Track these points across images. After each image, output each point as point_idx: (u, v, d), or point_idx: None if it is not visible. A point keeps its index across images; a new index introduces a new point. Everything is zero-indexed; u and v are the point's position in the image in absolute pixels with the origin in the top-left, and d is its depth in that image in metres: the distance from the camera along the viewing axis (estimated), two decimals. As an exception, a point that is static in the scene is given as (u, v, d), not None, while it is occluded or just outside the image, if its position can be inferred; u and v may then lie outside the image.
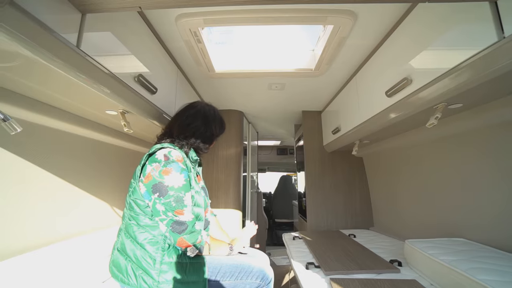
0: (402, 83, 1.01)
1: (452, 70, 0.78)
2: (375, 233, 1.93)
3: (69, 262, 1.03)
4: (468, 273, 0.82)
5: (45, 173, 1.00)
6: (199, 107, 1.17)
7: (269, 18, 1.09)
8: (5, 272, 0.79)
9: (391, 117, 1.18)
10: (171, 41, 1.29)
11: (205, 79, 1.73)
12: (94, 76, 0.77)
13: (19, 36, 0.55)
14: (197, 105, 1.18)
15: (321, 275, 1.10)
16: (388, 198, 1.92)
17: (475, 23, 0.71)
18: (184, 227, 0.91)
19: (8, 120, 0.62)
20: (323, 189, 2.30)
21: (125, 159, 1.55)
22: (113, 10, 0.72)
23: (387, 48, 1.19)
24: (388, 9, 1.04)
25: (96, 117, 1.15)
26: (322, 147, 2.38)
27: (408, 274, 1.08)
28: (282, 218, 5.06)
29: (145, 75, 1.04)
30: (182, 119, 1.13)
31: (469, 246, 1.07)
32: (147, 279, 0.88)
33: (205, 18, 1.09)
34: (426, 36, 0.92)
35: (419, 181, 1.52)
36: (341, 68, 1.57)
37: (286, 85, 1.86)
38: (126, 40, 0.94)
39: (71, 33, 0.68)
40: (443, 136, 1.26)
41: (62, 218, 1.09)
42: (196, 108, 1.16)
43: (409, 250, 1.16)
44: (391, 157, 1.80)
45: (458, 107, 1.00)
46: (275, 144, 4.73)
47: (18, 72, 0.70)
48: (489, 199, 1.07)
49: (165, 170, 0.91)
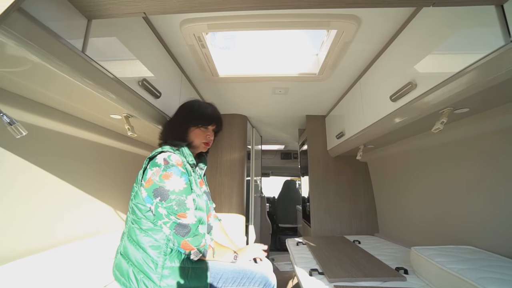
0: (407, 87, 1.00)
1: (458, 74, 0.77)
2: (380, 240, 1.90)
3: (71, 266, 1.03)
4: (478, 283, 0.79)
5: (49, 176, 1.01)
6: (184, 104, 1.21)
7: (272, 23, 1.10)
8: (9, 274, 0.79)
9: (395, 122, 1.17)
10: (175, 46, 1.31)
11: (209, 83, 1.74)
12: (99, 80, 0.79)
13: (27, 42, 0.56)
14: (184, 103, 1.22)
15: (325, 282, 1.08)
16: (394, 203, 1.89)
17: (481, 27, 0.70)
18: (187, 229, 0.90)
19: (14, 123, 0.63)
20: (327, 194, 2.28)
21: (129, 162, 1.56)
22: (119, 16, 0.73)
23: (391, 53, 1.19)
24: (392, 14, 1.04)
25: (100, 121, 1.16)
26: (326, 152, 2.36)
27: (415, 283, 1.05)
28: (286, 223, 5.02)
29: (149, 80, 1.05)
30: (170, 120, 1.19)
31: (478, 255, 1.04)
32: (148, 283, 0.87)
33: (209, 23, 1.10)
34: (431, 40, 0.91)
35: (425, 186, 1.49)
36: (345, 72, 1.56)
37: (289, 89, 1.86)
38: (131, 45, 0.96)
39: (77, 38, 0.70)
40: (449, 141, 1.24)
41: (65, 221, 1.09)
42: (181, 105, 1.22)
43: (415, 258, 1.13)
44: (396, 162, 1.77)
45: (464, 112, 0.98)
46: (279, 148, 4.72)
47: (25, 77, 0.71)
48: (497, 205, 1.04)
49: (165, 174, 0.91)
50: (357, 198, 2.26)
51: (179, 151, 1.04)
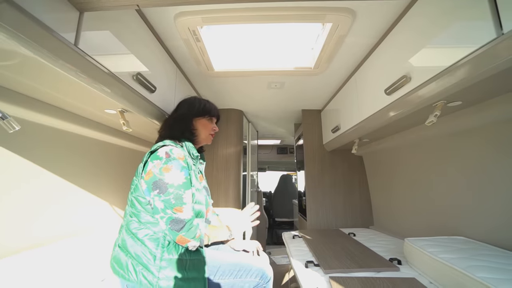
0: (401, 80, 1.01)
1: (450, 67, 0.78)
2: (375, 232, 1.93)
3: (68, 261, 1.03)
4: (467, 271, 0.81)
5: (44, 172, 1.01)
6: (185, 99, 1.26)
7: (268, 16, 1.09)
8: (7, 270, 0.79)
9: (390, 115, 1.18)
10: (170, 40, 1.29)
11: (204, 78, 1.73)
12: (93, 74, 0.78)
13: (17, 35, 0.55)
14: (185, 99, 1.26)
15: (320, 273, 1.10)
16: (388, 196, 1.92)
17: (474, 20, 0.71)
18: (182, 225, 0.91)
19: (6, 118, 0.62)
20: (323, 187, 2.30)
21: (125, 158, 1.55)
22: (111, 8, 0.72)
23: (386, 46, 1.19)
24: (386, 7, 1.04)
25: (95, 116, 1.15)
26: (322, 146, 2.38)
27: (408, 273, 1.08)
28: (283, 217, 5.06)
29: (143, 74, 1.04)
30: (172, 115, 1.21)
31: (469, 244, 1.06)
32: (147, 274, 0.88)
33: (203, 16, 1.09)
34: (424, 34, 0.91)
35: (419, 179, 1.51)
36: (341, 66, 1.56)
37: (285, 84, 1.86)
38: (125, 39, 0.94)
39: (69, 31, 0.68)
40: (443, 135, 1.26)
41: (62, 217, 1.09)
42: (182, 100, 1.25)
43: (408, 249, 1.16)
44: (391, 155, 1.79)
45: (457, 105, 0.99)
46: (275, 143, 4.73)
47: (16, 70, 0.70)
48: (489, 197, 1.07)
49: (166, 167, 0.92)
50: (353, 191, 2.29)
51: (181, 145, 1.04)
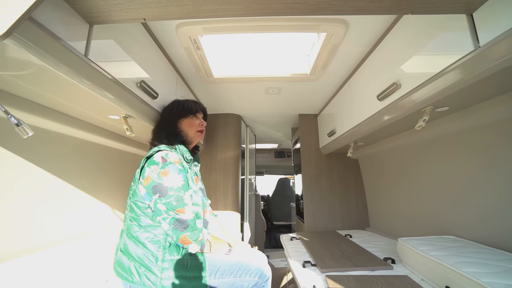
0: (392, 87, 1.07)
1: (436, 76, 0.83)
2: (371, 233, 1.98)
3: (72, 263, 1.06)
4: (454, 266, 0.86)
5: (48, 176, 1.04)
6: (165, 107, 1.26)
7: (265, 26, 1.15)
8: (11, 272, 0.81)
9: (382, 120, 1.23)
10: (171, 48, 1.34)
11: (203, 84, 1.78)
12: (100, 82, 0.82)
13: (33, 47, 0.59)
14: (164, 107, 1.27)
15: (317, 272, 1.14)
16: (383, 198, 1.97)
17: (455, 33, 0.77)
18: (185, 224, 0.94)
19: (21, 125, 0.66)
20: (320, 191, 2.35)
21: (127, 162, 1.58)
22: (119, 22, 0.76)
23: (378, 54, 1.26)
24: (377, 19, 1.10)
25: (99, 122, 1.19)
26: (318, 150, 2.43)
27: (401, 271, 1.12)
28: (280, 221, 5.07)
29: (146, 81, 1.08)
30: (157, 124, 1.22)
31: (458, 243, 1.11)
32: (150, 276, 0.91)
33: (204, 26, 1.14)
34: (412, 43, 0.97)
35: (412, 181, 1.57)
36: (335, 73, 1.63)
37: (282, 89, 1.91)
38: (129, 48, 0.99)
39: (79, 43, 0.73)
40: (433, 138, 1.32)
41: (64, 220, 1.12)
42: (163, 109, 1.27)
43: (401, 248, 1.20)
44: (385, 158, 1.85)
45: (444, 110, 1.05)
46: (272, 147, 4.78)
47: (30, 80, 0.74)
48: (477, 198, 1.12)
49: (164, 171, 0.95)
50: (349, 194, 2.33)
51: (175, 149, 1.08)
